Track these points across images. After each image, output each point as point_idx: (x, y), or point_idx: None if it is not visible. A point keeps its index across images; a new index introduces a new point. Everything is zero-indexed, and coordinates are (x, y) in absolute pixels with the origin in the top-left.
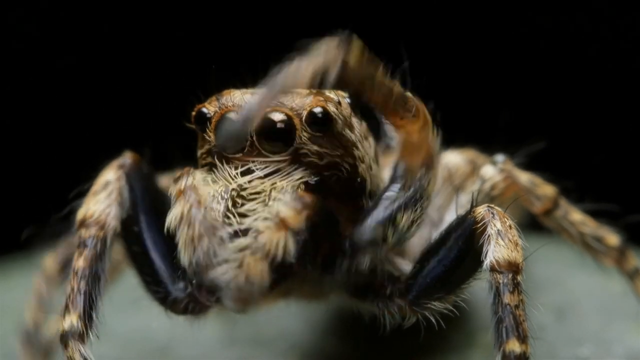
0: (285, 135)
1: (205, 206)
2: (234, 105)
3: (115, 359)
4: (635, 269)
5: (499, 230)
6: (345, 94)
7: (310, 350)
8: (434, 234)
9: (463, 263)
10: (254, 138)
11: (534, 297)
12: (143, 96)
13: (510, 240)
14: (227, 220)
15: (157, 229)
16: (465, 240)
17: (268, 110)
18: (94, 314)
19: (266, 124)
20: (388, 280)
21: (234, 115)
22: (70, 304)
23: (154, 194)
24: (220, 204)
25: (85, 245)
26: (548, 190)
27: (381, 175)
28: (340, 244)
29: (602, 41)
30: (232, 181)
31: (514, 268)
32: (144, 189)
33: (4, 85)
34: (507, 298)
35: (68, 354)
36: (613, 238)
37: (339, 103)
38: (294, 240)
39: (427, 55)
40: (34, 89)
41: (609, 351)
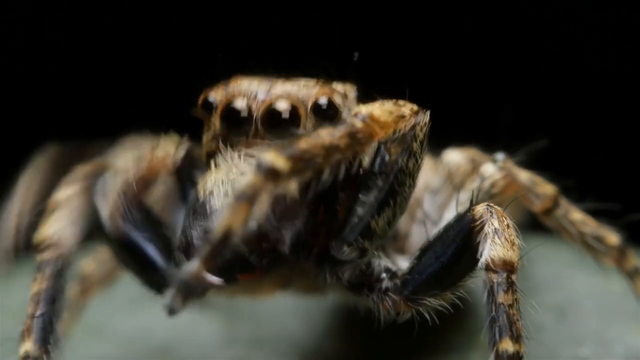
0: (290, 124)
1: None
2: (240, 93)
3: (115, 359)
4: (635, 268)
5: (496, 228)
6: (353, 87)
7: (310, 350)
8: (433, 231)
9: (460, 261)
10: (259, 126)
11: (534, 297)
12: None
13: (507, 239)
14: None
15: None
16: (462, 238)
17: (274, 98)
18: (52, 338)
19: (271, 113)
20: (384, 275)
21: (239, 104)
22: (26, 330)
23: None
24: (220, 190)
25: (42, 269)
26: (548, 189)
27: None
28: (335, 231)
29: (603, 40)
30: (234, 168)
31: (508, 267)
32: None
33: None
34: (501, 297)
35: None
36: (613, 237)
37: (345, 95)
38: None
39: (430, 53)
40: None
41: (609, 351)
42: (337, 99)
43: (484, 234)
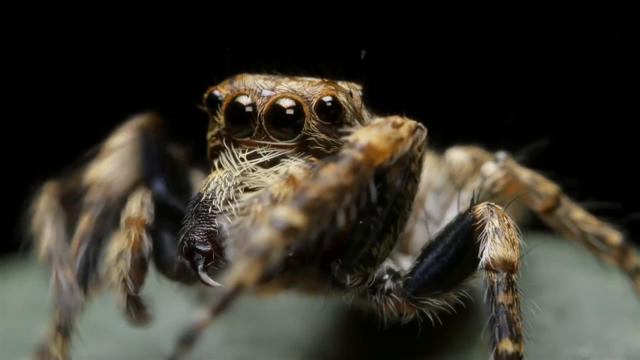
0: (293, 121)
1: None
2: (246, 89)
3: (115, 359)
4: (636, 267)
5: (496, 228)
6: (358, 87)
7: (310, 350)
8: (435, 231)
9: (461, 261)
10: (263, 123)
11: (534, 297)
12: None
13: (507, 239)
14: (227, 209)
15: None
16: (464, 238)
17: (278, 96)
18: (92, 277)
19: (275, 110)
20: (387, 276)
21: (244, 100)
22: (70, 261)
23: (166, 158)
24: (222, 192)
25: (89, 209)
26: (549, 188)
27: None
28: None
29: (605, 40)
30: (237, 167)
31: (509, 267)
32: (157, 153)
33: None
34: (501, 297)
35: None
36: (614, 236)
37: (350, 94)
38: None
39: (435, 52)
40: (33, 84)
41: (609, 351)
42: (342, 98)
43: (484, 234)
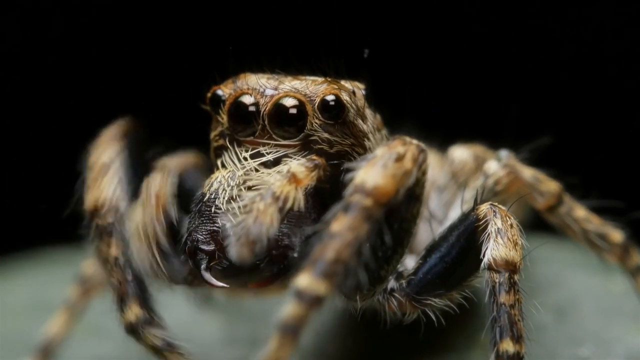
0: (296, 120)
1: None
2: (249, 89)
3: (115, 359)
4: (637, 266)
5: (499, 228)
6: (362, 85)
7: (311, 350)
8: (439, 230)
9: (464, 261)
10: (266, 122)
11: (534, 297)
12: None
13: (510, 239)
14: (230, 208)
15: None
16: (467, 238)
17: (281, 95)
18: (149, 296)
19: (278, 109)
20: (390, 276)
21: (247, 99)
22: (125, 296)
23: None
24: (225, 192)
25: (110, 233)
26: (552, 186)
27: None
28: None
29: (607, 39)
30: (240, 166)
31: (511, 267)
32: (139, 159)
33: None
34: (503, 297)
35: (146, 342)
36: (617, 235)
37: (354, 93)
38: (305, 198)
39: (438, 51)
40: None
41: (609, 351)
42: (345, 97)
43: (487, 234)
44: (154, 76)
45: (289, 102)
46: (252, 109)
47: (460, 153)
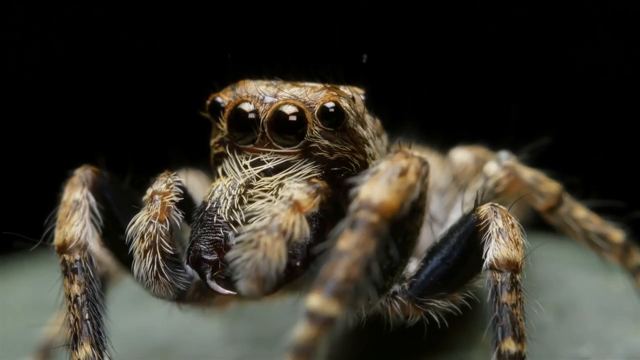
0: (296, 128)
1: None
2: (248, 96)
3: (115, 358)
4: (638, 265)
5: (500, 228)
6: (361, 91)
7: None
8: (440, 233)
9: (466, 262)
10: (266, 129)
11: (535, 297)
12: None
13: (511, 239)
14: (233, 218)
15: None
16: (468, 239)
17: (280, 102)
18: (103, 338)
19: (278, 116)
20: None
21: (246, 106)
22: (78, 334)
23: (125, 197)
24: (226, 201)
25: (75, 270)
26: (552, 187)
27: None
28: None
29: (607, 39)
30: (241, 174)
31: (513, 267)
32: (114, 196)
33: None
34: (505, 297)
35: None
36: (617, 235)
37: (353, 99)
38: (309, 222)
39: (438, 51)
40: (34, 87)
41: (609, 351)
42: (344, 103)
43: (488, 234)
44: (153, 83)
45: (289, 110)
46: (252, 116)
47: (461, 155)
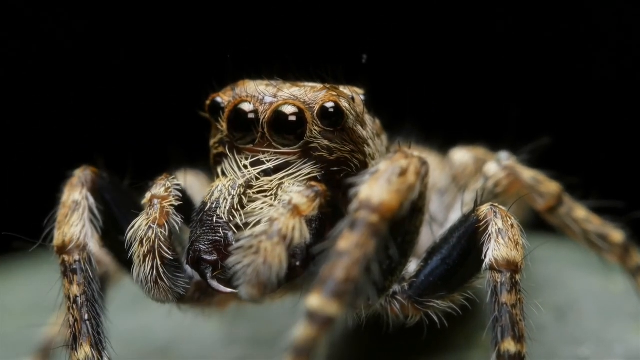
0: (296, 128)
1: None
2: (247, 96)
3: (115, 359)
4: (638, 266)
5: (499, 229)
6: (360, 91)
7: None
8: (439, 233)
9: (466, 262)
10: (265, 129)
11: (534, 297)
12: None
13: (511, 239)
14: (232, 218)
15: None
16: (468, 239)
17: (280, 102)
18: (103, 338)
19: (278, 117)
20: None
21: (246, 106)
22: (78, 334)
23: (125, 198)
24: (226, 201)
25: (74, 271)
26: (552, 187)
27: None
28: None
29: (608, 39)
30: (240, 174)
31: (512, 267)
32: (114, 197)
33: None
34: (505, 297)
35: None
36: (617, 235)
37: (352, 99)
38: (308, 224)
39: (438, 52)
40: (34, 88)
41: (609, 351)
42: (344, 103)
43: (487, 235)
44: (153, 83)
45: (288, 110)
46: (252, 116)
47: (461, 156)
